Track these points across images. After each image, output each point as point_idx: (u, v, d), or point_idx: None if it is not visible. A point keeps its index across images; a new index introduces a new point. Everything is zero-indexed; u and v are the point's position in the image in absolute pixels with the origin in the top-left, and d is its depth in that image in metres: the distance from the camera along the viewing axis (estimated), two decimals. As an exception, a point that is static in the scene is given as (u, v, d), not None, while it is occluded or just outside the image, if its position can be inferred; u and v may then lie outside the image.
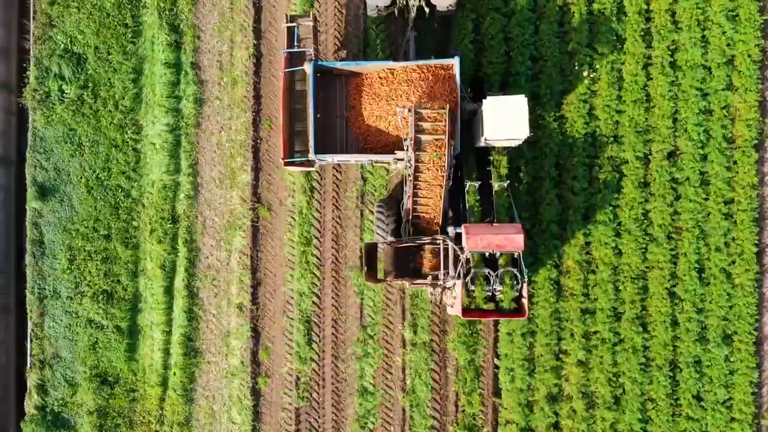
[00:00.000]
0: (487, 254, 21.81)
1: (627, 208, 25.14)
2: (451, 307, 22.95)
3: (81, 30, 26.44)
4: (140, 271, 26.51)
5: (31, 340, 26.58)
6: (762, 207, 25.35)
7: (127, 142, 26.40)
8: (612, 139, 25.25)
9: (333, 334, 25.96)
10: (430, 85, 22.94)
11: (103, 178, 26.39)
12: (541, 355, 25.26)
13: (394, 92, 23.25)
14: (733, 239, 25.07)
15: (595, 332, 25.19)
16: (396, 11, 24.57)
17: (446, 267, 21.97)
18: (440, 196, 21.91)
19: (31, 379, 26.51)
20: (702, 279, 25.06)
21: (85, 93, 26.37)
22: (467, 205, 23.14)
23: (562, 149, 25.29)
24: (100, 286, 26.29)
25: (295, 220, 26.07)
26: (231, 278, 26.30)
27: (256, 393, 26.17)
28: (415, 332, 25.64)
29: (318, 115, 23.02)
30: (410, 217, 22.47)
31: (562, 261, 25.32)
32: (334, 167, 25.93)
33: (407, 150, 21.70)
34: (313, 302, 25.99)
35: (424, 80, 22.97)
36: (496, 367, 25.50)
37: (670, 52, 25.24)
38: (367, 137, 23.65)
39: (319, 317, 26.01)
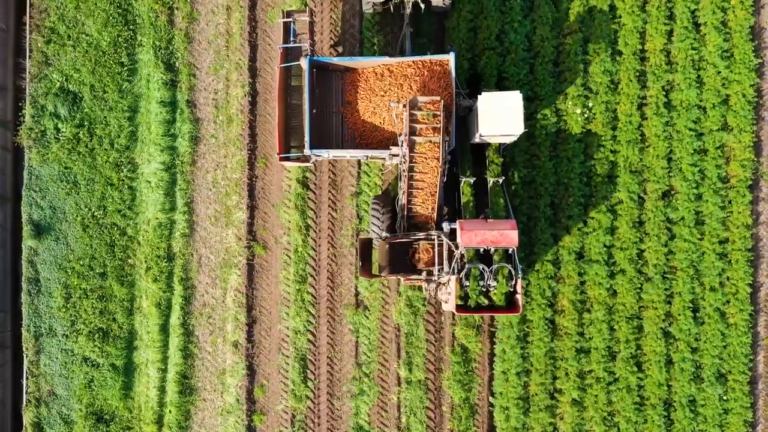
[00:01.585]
0: (481, 250, 21.84)
1: (622, 247, 25.18)
2: (446, 302, 23.03)
3: (77, 68, 26.46)
4: (136, 308, 26.56)
5: (27, 378, 26.62)
6: (756, 246, 25.39)
7: (123, 180, 26.44)
8: (607, 179, 25.29)
9: (328, 371, 26.00)
10: (426, 80, 22.95)
11: (98, 216, 26.42)
12: (536, 394, 25.31)
13: (389, 88, 23.27)
14: (728, 279, 25.11)
15: (590, 371, 25.23)
16: (392, 7, 24.70)
17: (441, 263, 21.88)
18: (435, 192, 21.96)
19: (27, 416, 26.55)
20: (696, 318, 25.11)
21: (80, 131, 26.39)
22: (462, 201, 23.19)
23: (557, 189, 25.33)
24: (95, 324, 26.33)
25: (290, 258, 26.12)
26: (226, 316, 26.34)
27: (251, 431, 26.22)
28: (410, 370, 25.69)
29: (314, 111, 23.03)
30: (405, 212, 22.47)
31: (556, 300, 25.37)
32: (329, 206, 25.97)
33: (402, 145, 21.74)
34: (309, 340, 26.04)
35: (419, 76, 22.97)
36: (491, 405, 25.55)
37: (664, 92, 25.28)
38: (363, 133, 23.68)
39: (315, 355, 26.05)
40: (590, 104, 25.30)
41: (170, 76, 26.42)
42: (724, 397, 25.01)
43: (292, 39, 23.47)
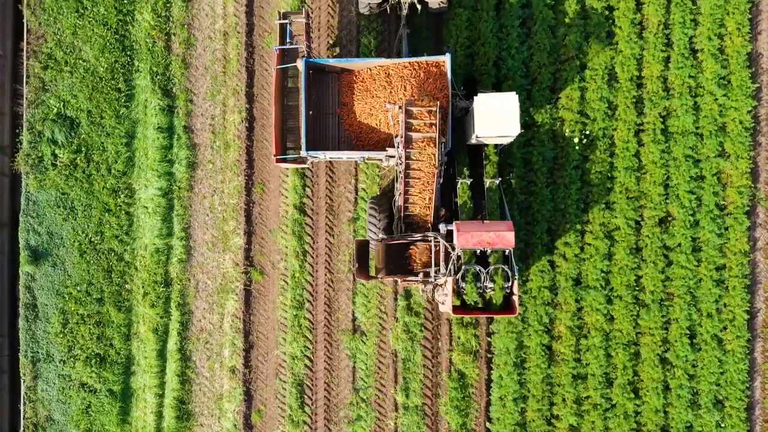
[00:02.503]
0: (478, 251, 21.84)
1: (619, 274, 25.18)
2: (442, 304, 23.03)
3: (74, 94, 26.48)
4: (133, 334, 26.57)
5: (25, 403, 26.63)
6: (754, 272, 25.38)
7: (120, 206, 26.45)
8: (604, 205, 25.28)
9: (325, 397, 26.01)
10: (422, 81, 22.96)
11: (95, 241, 26.44)
12: (533, 420, 25.30)
13: (385, 89, 23.28)
14: (725, 305, 25.12)
15: (587, 397, 25.24)
16: (388, 8, 24.72)
17: (437, 264, 21.93)
18: (431, 193, 21.96)
19: (25, 442, 26.63)
20: (693, 345, 25.11)
21: (77, 157, 26.40)
22: (459, 202, 23.19)
23: (554, 215, 25.32)
24: (93, 350, 26.35)
25: (287, 283, 26.12)
26: (224, 341, 26.36)
27: (248, 456, 26.28)
28: (407, 396, 25.70)
29: (310, 112, 23.05)
30: (402, 214, 22.48)
31: (553, 326, 25.37)
32: (327, 232, 25.98)
33: (398, 147, 21.74)
34: (306, 365, 26.05)
35: (415, 77, 22.98)
36: (488, 431, 25.55)
37: (661, 119, 25.29)
38: (359, 134, 23.70)
39: (312, 380, 26.06)
40: (587, 131, 25.29)
41: (167, 101, 26.43)
42: (722, 424, 25.03)
43: (288, 40, 23.48)
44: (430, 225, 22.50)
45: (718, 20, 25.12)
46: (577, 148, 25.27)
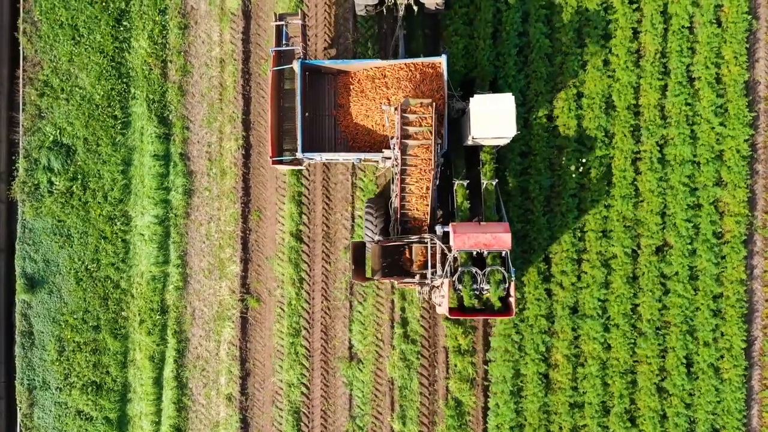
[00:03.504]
0: (474, 253, 21.79)
1: (615, 302, 25.14)
2: (439, 306, 22.97)
3: (70, 121, 26.43)
4: (129, 361, 26.53)
5: (21, 431, 26.59)
6: (751, 301, 25.34)
7: (116, 233, 26.41)
8: (601, 233, 25.23)
9: (322, 425, 25.98)
10: (418, 83, 22.95)
11: (92, 269, 26.39)
12: (530, 449, 25.29)
13: (382, 90, 23.29)
14: (722, 334, 25.07)
15: (584, 426, 25.21)
16: (384, 9, 24.73)
17: (434, 266, 21.91)
18: (428, 195, 21.90)
19: (21, 469, 26.60)
20: (690, 374, 25.07)
21: (74, 185, 26.36)
22: (455, 203, 23.18)
23: (551, 243, 25.28)
24: (89, 377, 26.31)
25: (284, 311, 26.09)
26: (220, 369, 26.32)
27: (245, 483, 26.25)
28: (404, 423, 25.66)
29: (306, 114, 23.06)
30: (398, 215, 22.46)
31: (550, 355, 25.33)
32: (323, 259, 25.95)
33: (394, 148, 21.70)
34: (302, 393, 26.01)
35: (411, 78, 22.99)
36: (485, 459, 25.55)
37: (659, 148, 25.25)
38: (356, 136, 23.70)
39: (308, 408, 26.02)
40: (584, 159, 25.24)
41: (164, 129, 26.39)
42: (718, 453, 25.02)
43: (284, 42, 23.48)
44: (426, 227, 22.48)
45: (715, 48, 25.08)
46: (574, 176, 25.22)
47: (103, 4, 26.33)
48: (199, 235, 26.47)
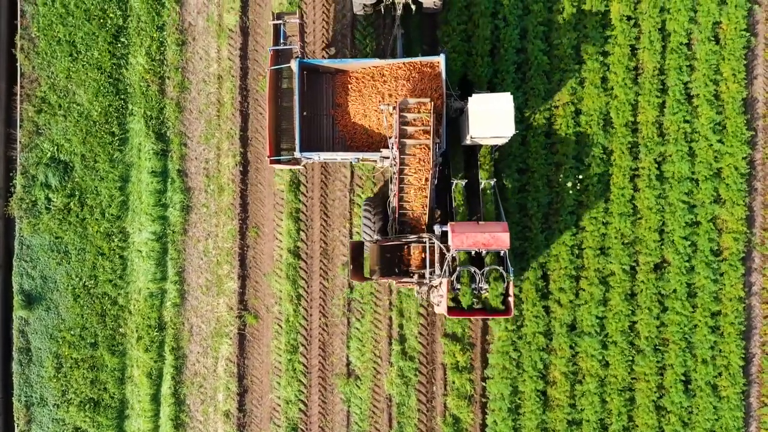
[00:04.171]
0: (473, 252, 21.75)
1: (614, 319, 25.10)
2: (438, 305, 22.91)
3: (68, 138, 26.40)
4: (127, 378, 26.49)
5: (18, 448, 26.62)
6: (749, 317, 25.31)
7: (114, 250, 26.37)
8: (599, 251, 25.20)
9: (320, 441, 25.98)
10: (416, 82, 22.92)
11: (89, 285, 26.36)
12: (528, 466, 25.25)
13: (380, 90, 23.27)
14: (720, 352, 25.04)
15: (582, 443, 25.21)
16: (383, 8, 24.75)
17: (432, 265, 21.85)
18: (426, 194, 21.89)
19: (18, 486, 26.55)
20: (688, 391, 25.04)
21: (71, 201, 26.32)
22: (454, 203, 23.14)
23: (549, 260, 25.25)
24: (86, 394, 26.27)
25: (281, 327, 26.06)
26: (218, 385, 26.28)
27: (242, 500, 26.22)
28: (401, 440, 25.66)
29: (304, 113, 23.02)
30: (397, 215, 22.42)
31: (548, 372, 25.29)
32: (321, 276, 25.92)
33: (392, 148, 21.67)
34: (300, 409, 25.98)
35: (409, 78, 22.96)
36: (483, 477, 25.52)
37: (657, 165, 25.21)
38: (354, 135, 23.66)
39: (306, 425, 25.99)
40: (582, 176, 25.22)
41: (161, 145, 26.36)
42: (717, 470, 24.97)
43: (282, 41, 23.46)
44: (424, 226, 22.43)
45: (713, 66, 25.06)
46: (572, 193, 25.20)
47: (101, 20, 26.30)
48: (196, 252, 26.44)
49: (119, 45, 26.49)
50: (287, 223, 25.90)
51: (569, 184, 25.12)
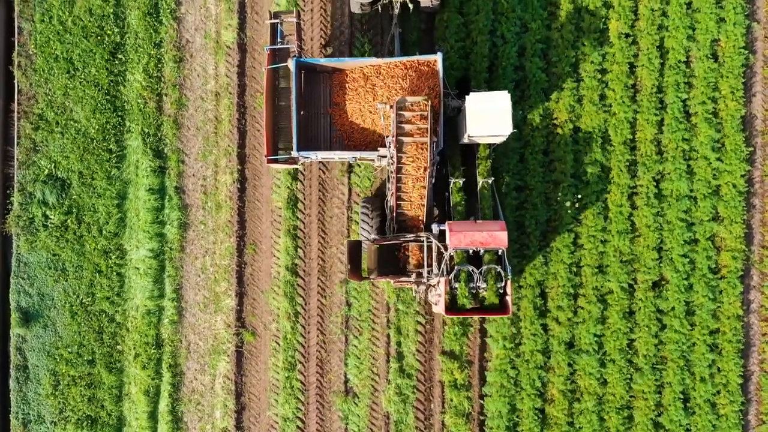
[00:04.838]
0: (471, 251, 21.71)
1: (612, 337, 25.05)
2: (436, 305, 22.86)
3: (65, 155, 26.35)
4: (124, 395, 26.44)
5: (15, 465, 26.58)
6: (748, 335, 25.26)
7: (111, 267, 26.33)
8: (597, 269, 25.15)
9: (317, 459, 25.93)
10: (414, 81, 22.89)
11: (87, 303, 26.31)
12: (526, 484, 25.20)
13: (377, 89, 23.24)
14: (718, 370, 24.99)
15: (580, 461, 25.15)
16: (380, 7, 24.73)
17: (430, 264, 21.79)
18: (424, 193, 21.83)
19: (15, 504, 26.51)
20: (687, 409, 24.98)
21: (69, 219, 26.28)
22: (451, 202, 23.08)
23: (547, 278, 25.20)
24: (84, 412, 26.22)
25: (279, 344, 26.01)
26: (215, 403, 26.24)
27: None
28: (399, 458, 25.60)
29: (301, 112, 22.96)
30: (394, 214, 22.38)
31: (546, 390, 25.25)
32: (319, 293, 25.88)
33: (389, 147, 21.60)
34: (298, 427, 25.93)
35: (407, 77, 22.92)
36: (481, 494, 25.46)
37: (655, 183, 25.17)
38: (351, 134, 23.62)
39: (304, 442, 25.98)
40: (580, 194, 25.17)
41: (159, 162, 26.31)
42: (715, 488, 24.92)
43: (279, 40, 23.42)
44: (422, 225, 22.39)
45: (712, 83, 25.02)
46: (570, 211, 25.15)
47: (98, 37, 26.26)
48: (194, 269, 26.39)
49: (117, 62, 26.45)
50: (285, 240, 25.86)
51: (568, 202, 25.07)
